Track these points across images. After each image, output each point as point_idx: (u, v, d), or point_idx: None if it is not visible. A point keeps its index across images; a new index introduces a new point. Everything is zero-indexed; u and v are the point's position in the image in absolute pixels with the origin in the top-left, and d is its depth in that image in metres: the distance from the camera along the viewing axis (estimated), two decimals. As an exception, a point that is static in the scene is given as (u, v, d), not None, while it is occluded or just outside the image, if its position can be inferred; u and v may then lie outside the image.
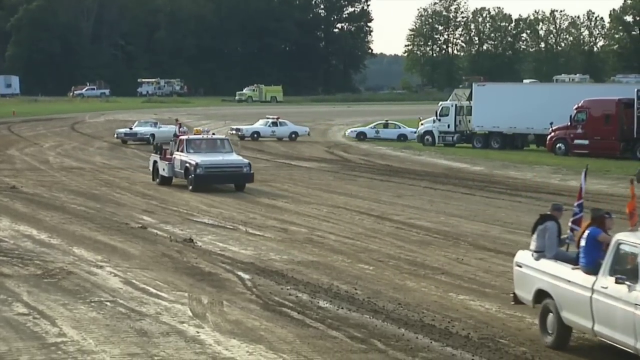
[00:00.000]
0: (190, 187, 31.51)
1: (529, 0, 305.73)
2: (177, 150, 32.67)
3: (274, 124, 59.54)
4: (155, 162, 34.22)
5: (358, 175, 39.29)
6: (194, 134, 34.42)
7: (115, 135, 56.47)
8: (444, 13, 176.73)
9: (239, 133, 58.63)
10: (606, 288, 12.22)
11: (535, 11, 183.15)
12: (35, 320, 14.58)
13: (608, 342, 12.41)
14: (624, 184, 36.00)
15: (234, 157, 32.90)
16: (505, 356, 12.97)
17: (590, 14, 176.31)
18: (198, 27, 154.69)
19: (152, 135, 54.09)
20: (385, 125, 61.21)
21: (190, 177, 31.70)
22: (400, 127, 61.36)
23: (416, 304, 15.86)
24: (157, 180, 33.70)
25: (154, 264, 19.28)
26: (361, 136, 59.94)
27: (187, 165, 31.79)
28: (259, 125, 60.47)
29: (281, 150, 52.40)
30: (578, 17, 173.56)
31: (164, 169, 33.30)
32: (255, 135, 58.60)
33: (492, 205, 29.58)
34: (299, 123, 64.24)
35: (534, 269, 13.96)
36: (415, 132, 58.80)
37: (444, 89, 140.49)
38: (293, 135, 58.65)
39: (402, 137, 59.68)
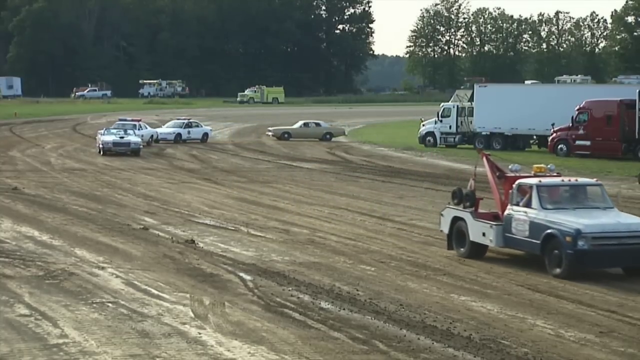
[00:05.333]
0: (558, 270, 18.45)
1: (530, 1, 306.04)
2: (517, 204, 19.77)
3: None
4: (457, 219, 20.95)
5: (360, 176, 39.28)
6: (535, 173, 20.69)
7: (101, 145, 47.94)
8: (446, 14, 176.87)
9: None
10: None
11: (540, 13, 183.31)
12: (37, 322, 14.58)
13: None
14: (626, 184, 36.03)
15: (629, 219, 19.63)
16: (507, 357, 12.96)
17: (594, 15, 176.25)
18: (200, 28, 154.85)
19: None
20: (189, 125, 58.94)
21: (558, 252, 18.53)
22: (202, 127, 59.95)
23: (418, 305, 15.86)
24: (462, 250, 20.62)
25: (155, 265, 19.28)
26: (178, 137, 57.17)
27: (552, 232, 18.66)
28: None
29: (283, 151, 52.40)
30: (584, 18, 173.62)
31: (483, 234, 20.14)
32: None
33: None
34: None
35: None
36: (211, 131, 60.41)
37: (445, 90, 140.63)
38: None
39: (205, 136, 58.41)
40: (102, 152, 47.66)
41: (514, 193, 19.92)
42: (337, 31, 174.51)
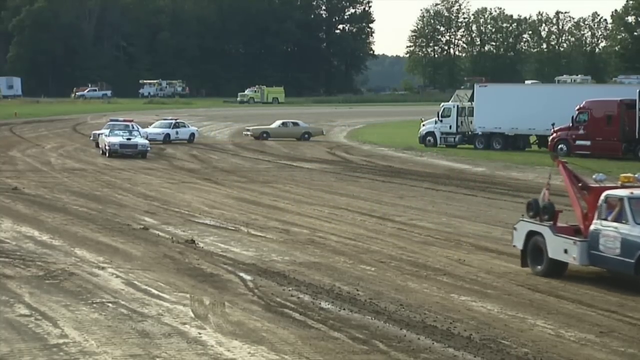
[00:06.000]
0: None
1: (530, 1, 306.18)
2: (605, 219, 17.65)
3: None
4: (534, 234, 18.84)
5: (360, 176, 39.29)
6: (623, 183, 18.50)
7: (107, 147, 46.20)
8: (446, 14, 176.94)
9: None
10: None
11: (539, 12, 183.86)
12: (37, 322, 14.57)
13: None
14: (626, 184, 36.02)
15: None
16: (507, 357, 12.96)
17: (595, 15, 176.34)
18: (200, 28, 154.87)
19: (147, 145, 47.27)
20: (177, 125, 57.62)
21: None
22: (189, 127, 58.92)
23: (418, 305, 15.85)
24: (540, 267, 18.52)
25: (155, 265, 19.27)
26: (167, 138, 55.74)
27: None
28: None
29: (283, 151, 52.40)
30: (584, 18, 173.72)
31: (565, 251, 18.03)
32: None
33: (493, 206, 29.57)
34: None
35: None
36: (197, 131, 59.50)
37: (445, 90, 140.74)
38: None
39: (192, 136, 57.35)
40: (107, 154, 45.79)
41: (601, 206, 17.78)
42: (337, 31, 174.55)
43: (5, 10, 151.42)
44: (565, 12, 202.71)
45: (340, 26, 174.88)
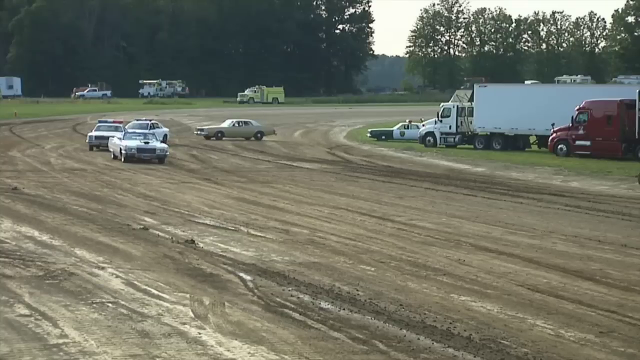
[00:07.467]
0: None
1: (530, 1, 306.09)
2: None
3: None
4: None
5: (359, 176, 39.29)
6: None
7: (123, 151, 42.69)
8: (446, 14, 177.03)
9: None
10: None
11: (535, 12, 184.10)
12: (37, 322, 14.56)
13: None
14: (626, 185, 36.04)
15: None
16: (507, 357, 12.95)
17: (592, 15, 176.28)
18: (200, 29, 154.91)
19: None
20: (153, 126, 55.27)
21: None
22: (162, 127, 57.44)
23: (418, 305, 15.85)
24: None
25: (155, 265, 19.26)
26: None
27: None
28: None
29: (283, 151, 52.42)
30: (583, 18, 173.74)
31: None
32: None
33: (493, 207, 29.57)
34: (299, 124, 64.51)
35: None
36: (169, 132, 58.44)
37: (445, 90, 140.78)
38: None
39: (165, 137, 54.86)
40: (123, 159, 42.39)
41: None
42: (337, 31, 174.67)
43: (4, 10, 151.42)
44: (560, 12, 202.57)
45: (340, 26, 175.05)
